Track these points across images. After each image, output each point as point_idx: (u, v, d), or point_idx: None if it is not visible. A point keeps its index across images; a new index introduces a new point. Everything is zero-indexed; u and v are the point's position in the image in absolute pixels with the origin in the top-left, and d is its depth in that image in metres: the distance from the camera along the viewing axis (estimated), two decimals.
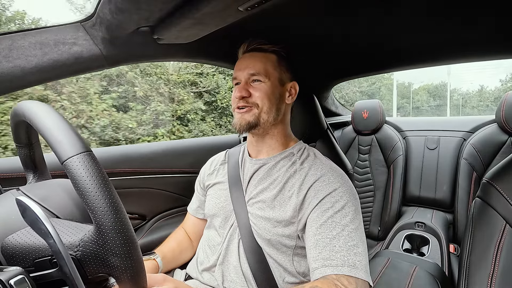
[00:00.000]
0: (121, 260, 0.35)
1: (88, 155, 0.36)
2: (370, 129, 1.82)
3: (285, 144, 0.78)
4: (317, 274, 0.56)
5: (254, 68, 0.72)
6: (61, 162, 0.36)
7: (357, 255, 0.56)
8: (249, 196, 0.74)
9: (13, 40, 0.64)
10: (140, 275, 0.38)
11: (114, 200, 0.36)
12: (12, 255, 0.39)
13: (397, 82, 17.55)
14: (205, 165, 0.92)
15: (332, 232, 0.59)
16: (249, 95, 0.72)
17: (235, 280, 0.69)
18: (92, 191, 0.34)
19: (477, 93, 23.71)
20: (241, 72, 0.74)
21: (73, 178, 0.35)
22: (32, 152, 0.55)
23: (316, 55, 1.15)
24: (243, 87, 0.72)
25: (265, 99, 0.72)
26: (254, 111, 0.72)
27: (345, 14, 0.82)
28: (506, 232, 0.57)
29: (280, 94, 0.75)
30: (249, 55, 0.76)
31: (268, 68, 0.73)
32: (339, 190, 0.65)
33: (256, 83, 0.72)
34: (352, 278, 0.54)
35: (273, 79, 0.73)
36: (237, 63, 0.77)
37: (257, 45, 0.76)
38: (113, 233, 0.35)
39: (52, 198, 0.49)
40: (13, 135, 0.54)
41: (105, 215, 0.34)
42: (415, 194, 1.70)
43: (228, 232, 0.73)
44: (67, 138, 0.37)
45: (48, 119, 0.39)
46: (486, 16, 0.79)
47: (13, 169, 0.85)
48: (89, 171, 0.35)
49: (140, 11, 0.64)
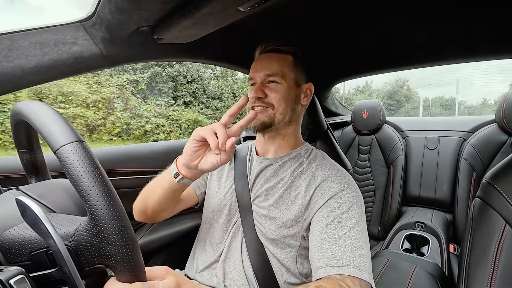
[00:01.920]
0: (116, 248, 0.35)
1: (81, 144, 0.37)
2: (370, 129, 1.82)
3: (293, 145, 0.78)
4: (321, 273, 0.56)
5: (270, 69, 0.72)
6: (54, 151, 0.36)
7: (362, 257, 0.56)
8: (254, 195, 0.74)
9: (13, 40, 0.64)
10: (138, 265, 0.37)
11: (107, 187, 0.35)
12: (8, 249, 0.39)
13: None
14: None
15: (338, 232, 0.59)
16: (265, 95, 0.72)
17: (236, 279, 0.68)
18: (84, 178, 0.34)
19: (479, 105, 29.33)
20: (257, 73, 0.74)
21: (66, 166, 0.35)
22: (33, 157, 0.56)
23: (316, 55, 1.15)
24: (259, 87, 0.72)
25: (281, 100, 0.72)
26: (269, 111, 0.72)
27: (345, 14, 0.82)
28: (506, 232, 0.57)
29: (296, 95, 0.75)
30: (266, 56, 0.75)
31: (284, 69, 0.73)
32: (346, 191, 0.65)
33: (272, 84, 0.72)
34: (357, 279, 0.54)
35: (289, 80, 0.73)
36: (254, 64, 0.77)
37: (274, 46, 0.75)
38: (107, 220, 0.34)
39: (50, 195, 0.49)
40: (14, 140, 0.54)
41: (98, 202, 0.34)
42: (415, 194, 1.70)
43: (232, 230, 0.73)
44: (59, 129, 0.38)
45: (42, 113, 0.39)
46: (486, 16, 0.79)
47: (13, 169, 0.85)
48: (81, 159, 0.35)
49: (140, 11, 0.64)
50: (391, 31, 0.92)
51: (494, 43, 0.96)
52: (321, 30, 0.92)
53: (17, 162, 0.62)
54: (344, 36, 0.97)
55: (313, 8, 0.78)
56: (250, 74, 0.76)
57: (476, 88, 33.87)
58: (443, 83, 31.94)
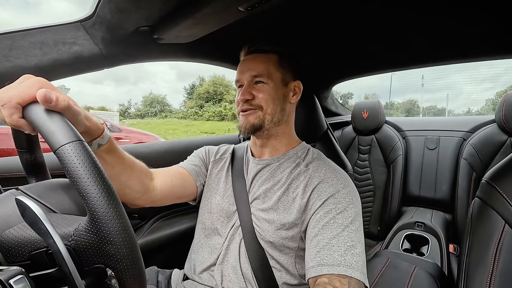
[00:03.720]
0: (116, 248, 0.35)
1: (80, 144, 0.36)
2: (370, 129, 1.82)
3: (288, 144, 0.78)
4: (312, 272, 0.57)
5: (256, 69, 0.72)
6: (54, 150, 0.36)
7: (355, 256, 0.56)
8: (252, 197, 0.73)
9: (13, 40, 0.64)
10: (138, 265, 0.37)
11: (107, 187, 0.35)
12: (8, 249, 0.39)
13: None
14: (213, 147, 0.89)
15: (333, 232, 0.59)
16: (252, 97, 0.71)
17: (234, 280, 0.68)
18: (84, 177, 0.34)
19: (464, 114, 33.96)
20: (243, 74, 0.73)
21: (65, 165, 0.35)
22: (33, 157, 0.56)
23: (316, 55, 1.15)
24: (246, 89, 0.71)
25: (269, 101, 0.71)
26: (258, 113, 0.71)
27: (345, 14, 0.82)
28: (505, 232, 0.57)
29: (283, 94, 0.74)
30: (250, 57, 0.75)
31: (270, 69, 0.72)
32: (342, 192, 0.65)
33: (259, 84, 0.72)
34: (346, 278, 0.54)
35: (276, 80, 0.73)
36: (239, 66, 0.76)
37: (258, 46, 0.75)
38: (107, 220, 0.34)
39: (50, 195, 0.49)
40: (14, 140, 0.54)
41: (98, 202, 0.34)
42: (414, 194, 1.70)
43: (230, 232, 0.73)
44: (60, 128, 0.37)
45: (42, 112, 0.39)
46: (486, 16, 0.79)
47: (13, 169, 0.85)
48: (81, 158, 0.35)
49: (140, 11, 0.64)
50: (391, 31, 0.92)
51: (494, 43, 0.96)
52: (321, 30, 0.92)
53: (17, 162, 0.62)
54: (344, 36, 0.97)
55: (312, 9, 0.78)
56: (237, 76, 0.76)
57: (464, 95, 37.13)
58: (434, 89, 36.30)
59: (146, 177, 0.69)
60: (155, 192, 0.70)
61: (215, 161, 0.85)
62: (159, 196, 0.71)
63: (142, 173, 0.68)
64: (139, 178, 0.67)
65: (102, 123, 0.56)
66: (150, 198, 0.70)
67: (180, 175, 0.78)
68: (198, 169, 0.82)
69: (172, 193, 0.75)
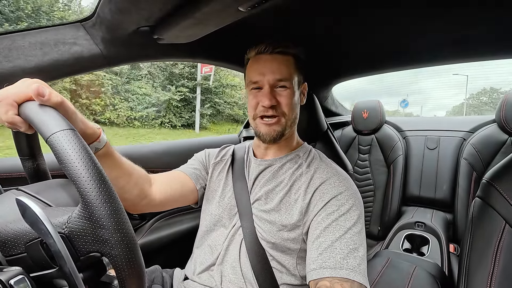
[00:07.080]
0: (109, 232, 0.34)
1: (72, 132, 0.37)
2: (370, 129, 1.82)
3: (291, 145, 0.77)
4: (314, 275, 0.56)
5: (280, 73, 0.67)
6: (45, 139, 0.37)
7: (357, 259, 0.56)
8: (254, 197, 0.73)
9: (13, 40, 0.64)
10: (134, 252, 0.36)
11: (98, 171, 0.35)
12: (4, 242, 0.39)
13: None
14: (213, 150, 0.88)
15: (335, 234, 0.59)
16: (277, 103, 0.68)
17: (234, 281, 0.68)
18: (75, 162, 0.34)
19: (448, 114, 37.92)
20: (264, 76, 0.68)
21: (57, 152, 0.35)
22: (36, 164, 0.56)
23: (316, 55, 1.15)
24: (270, 94, 0.67)
25: (291, 107, 0.69)
26: (282, 120, 0.69)
27: (345, 14, 0.82)
28: (505, 232, 0.57)
29: (298, 98, 0.74)
30: (270, 58, 0.69)
31: (291, 73, 0.70)
32: (344, 194, 0.64)
33: (281, 89, 0.69)
34: (348, 282, 0.53)
35: (294, 84, 0.71)
36: (255, 65, 0.70)
37: (283, 48, 0.69)
38: (98, 204, 0.34)
39: (48, 192, 0.49)
40: (16, 147, 0.55)
41: (89, 186, 0.34)
42: (415, 194, 1.70)
43: (230, 232, 0.73)
44: (51, 118, 0.39)
45: (36, 106, 0.41)
46: (486, 16, 0.79)
47: (13, 169, 0.85)
48: (72, 145, 0.36)
49: (140, 11, 0.64)
50: (391, 31, 0.92)
51: (494, 43, 0.96)
52: (321, 30, 0.92)
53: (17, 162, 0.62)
54: (344, 36, 0.97)
55: (313, 8, 0.78)
56: (253, 76, 0.70)
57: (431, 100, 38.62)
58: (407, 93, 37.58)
59: (145, 182, 0.69)
60: (154, 197, 0.70)
61: (215, 163, 0.84)
62: (158, 201, 0.71)
63: (141, 178, 0.68)
64: (138, 183, 0.66)
65: (99, 128, 0.56)
66: (149, 203, 0.70)
67: (179, 180, 0.78)
68: (198, 173, 0.82)
69: (172, 198, 0.74)
